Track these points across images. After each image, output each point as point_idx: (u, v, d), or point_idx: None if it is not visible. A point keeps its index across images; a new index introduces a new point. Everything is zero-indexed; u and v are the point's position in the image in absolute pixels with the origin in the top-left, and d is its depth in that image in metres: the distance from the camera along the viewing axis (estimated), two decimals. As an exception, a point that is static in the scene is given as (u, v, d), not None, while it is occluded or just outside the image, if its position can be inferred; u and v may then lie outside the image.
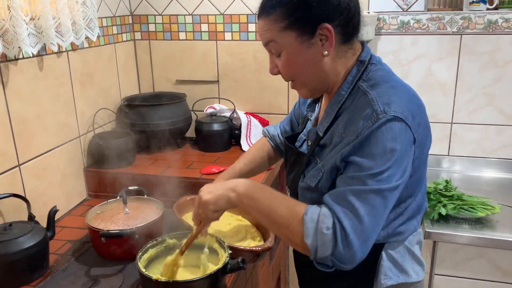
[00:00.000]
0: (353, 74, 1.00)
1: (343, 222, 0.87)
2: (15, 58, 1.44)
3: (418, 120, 0.93)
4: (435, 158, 2.07)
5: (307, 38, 0.95)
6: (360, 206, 0.88)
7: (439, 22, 1.91)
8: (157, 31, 2.21)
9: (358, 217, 0.87)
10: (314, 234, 0.88)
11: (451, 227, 1.54)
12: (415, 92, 1.00)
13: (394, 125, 0.88)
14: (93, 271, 1.33)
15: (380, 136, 0.88)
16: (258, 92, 2.18)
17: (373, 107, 0.90)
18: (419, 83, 2.01)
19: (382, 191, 0.88)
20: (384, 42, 1.99)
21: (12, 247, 1.22)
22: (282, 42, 0.97)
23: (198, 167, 1.86)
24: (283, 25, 0.95)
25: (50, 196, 1.63)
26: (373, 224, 0.89)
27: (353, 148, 0.91)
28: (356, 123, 0.92)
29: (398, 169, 0.90)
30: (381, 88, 0.94)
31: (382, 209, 0.90)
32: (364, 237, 0.88)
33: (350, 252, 0.87)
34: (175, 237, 1.33)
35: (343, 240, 0.87)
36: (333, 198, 0.91)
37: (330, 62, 0.99)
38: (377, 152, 0.88)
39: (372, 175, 0.88)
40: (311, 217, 0.90)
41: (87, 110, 1.85)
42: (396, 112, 0.89)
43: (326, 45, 0.96)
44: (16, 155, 1.46)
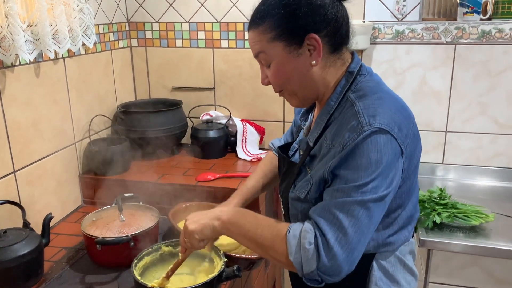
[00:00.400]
0: (342, 84, 1.00)
1: (327, 235, 0.87)
2: (12, 65, 1.44)
3: (406, 132, 0.93)
4: (430, 166, 2.08)
5: (294, 48, 0.96)
6: (344, 218, 0.88)
7: (434, 31, 1.94)
8: (154, 38, 2.22)
9: (342, 229, 0.87)
10: (297, 251, 0.89)
11: (445, 235, 1.55)
12: (404, 103, 1.00)
13: (379, 137, 0.88)
14: (87, 278, 1.33)
15: (365, 148, 0.88)
16: (254, 100, 2.19)
17: (359, 119, 0.91)
18: (413, 92, 2.03)
19: (366, 202, 0.88)
20: (379, 51, 2.01)
21: (7, 254, 1.21)
22: (271, 53, 0.98)
23: (194, 174, 1.86)
24: (271, 36, 0.96)
25: (45, 203, 1.62)
26: (358, 235, 0.88)
27: (339, 160, 0.91)
28: (343, 135, 0.92)
29: (383, 180, 0.89)
30: (368, 100, 0.94)
31: (366, 220, 0.89)
32: (349, 249, 0.87)
33: (336, 265, 0.87)
34: (171, 245, 1.33)
35: (327, 253, 0.87)
36: (317, 211, 0.92)
37: (319, 72, 0.99)
38: (362, 164, 0.89)
39: (356, 187, 0.88)
40: (293, 234, 0.91)
41: (83, 116, 1.85)
42: (381, 124, 0.89)
43: (314, 55, 0.97)
44: (11, 162, 1.45)
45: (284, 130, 2.20)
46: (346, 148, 0.90)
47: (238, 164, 2.01)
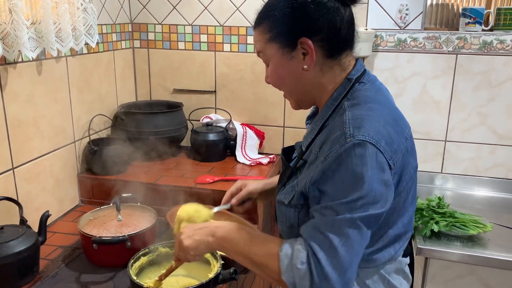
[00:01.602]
0: (340, 91, 0.99)
1: (318, 255, 0.85)
2: (14, 62, 1.44)
3: (396, 147, 0.90)
4: (428, 175, 2.09)
5: (288, 51, 0.97)
6: (334, 238, 0.85)
7: (436, 41, 1.94)
8: (156, 40, 2.23)
9: (333, 248, 0.85)
10: (289, 270, 0.87)
11: (442, 244, 1.54)
12: (398, 117, 0.98)
13: (363, 150, 0.85)
14: (83, 277, 1.32)
15: (349, 162, 0.85)
16: (254, 104, 2.20)
17: (344, 129, 0.88)
18: (414, 101, 2.03)
19: (355, 220, 0.85)
20: (381, 59, 2.02)
21: (3, 251, 1.21)
22: (268, 53, 1.00)
23: (193, 176, 1.86)
24: (268, 37, 0.98)
25: (43, 201, 1.62)
26: (350, 254, 0.85)
27: (322, 174, 0.89)
28: (328, 144, 0.91)
29: (371, 197, 0.86)
30: (359, 110, 0.92)
31: (357, 238, 0.86)
32: (341, 269, 0.85)
33: (329, 285, 0.85)
34: (168, 246, 1.33)
35: (319, 274, 0.85)
36: (308, 231, 0.90)
37: (313, 76, 0.99)
38: (347, 179, 0.86)
39: (344, 204, 0.86)
40: (285, 253, 0.89)
41: (83, 116, 1.85)
42: (365, 136, 0.86)
43: (307, 60, 0.96)
44: (10, 158, 1.45)
45: (284, 135, 2.20)
46: (328, 159, 0.88)
47: (237, 167, 2.01)
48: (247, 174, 1.92)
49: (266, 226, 1.96)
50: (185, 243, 1.01)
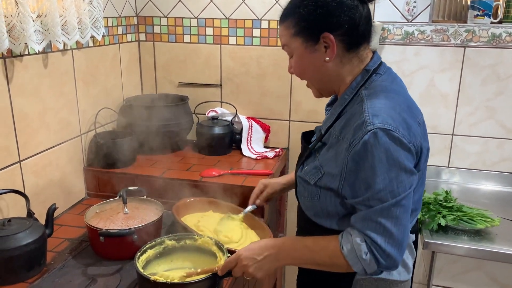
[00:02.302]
0: (358, 81, 1.08)
1: (377, 241, 0.98)
2: (21, 54, 1.44)
3: (413, 131, 0.99)
4: (435, 169, 2.07)
5: (311, 45, 1.06)
6: (386, 222, 0.97)
7: (443, 34, 1.93)
8: (162, 33, 2.22)
9: (388, 231, 0.98)
10: (357, 262, 1.00)
11: (450, 238, 1.54)
12: (412, 104, 1.08)
13: (384, 137, 0.94)
14: (90, 270, 1.33)
15: (375, 151, 0.94)
16: (260, 98, 2.19)
17: (364, 118, 0.97)
18: (421, 94, 2.02)
19: (399, 201, 0.97)
20: (388, 52, 2.00)
21: (11, 243, 1.22)
22: (292, 46, 1.10)
23: (198, 169, 1.86)
24: (292, 31, 1.07)
25: (49, 194, 1.62)
26: (402, 231, 0.99)
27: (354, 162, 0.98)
28: (349, 131, 1.00)
29: (406, 177, 0.97)
30: (376, 99, 1.01)
31: (405, 215, 0.99)
32: (398, 244, 0.99)
33: (392, 260, 0.99)
34: (174, 239, 1.33)
35: (382, 255, 0.99)
36: (360, 223, 1.01)
37: (333, 68, 1.08)
38: (379, 168, 0.95)
39: (385, 191, 0.96)
40: (347, 249, 1.01)
41: (89, 109, 1.85)
42: (383, 123, 0.95)
43: (328, 52, 1.05)
44: (17, 151, 1.45)
45: (290, 129, 2.19)
46: (354, 147, 0.97)
47: (242, 161, 2.01)
48: (252, 168, 1.91)
49: (272, 219, 1.97)
50: (258, 275, 1.12)
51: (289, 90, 2.13)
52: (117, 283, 1.26)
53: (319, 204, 1.09)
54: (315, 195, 1.09)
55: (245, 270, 1.12)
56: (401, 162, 0.95)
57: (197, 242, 1.33)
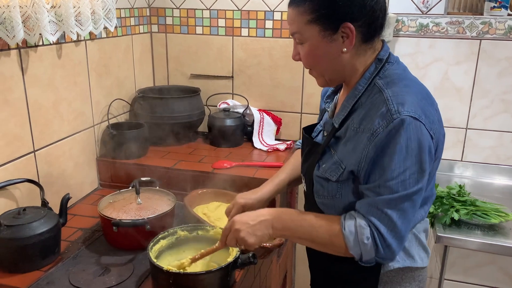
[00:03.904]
0: (371, 71, 1.04)
1: (380, 229, 0.96)
2: (35, 45, 1.44)
3: (432, 118, 0.97)
4: (448, 163, 2.06)
5: (329, 34, 1.00)
6: (392, 213, 0.96)
7: (459, 26, 1.90)
8: (174, 24, 2.21)
9: (392, 222, 0.96)
10: (356, 245, 0.98)
11: (463, 232, 1.53)
12: (428, 91, 1.05)
13: (409, 125, 0.92)
14: (103, 259, 1.34)
15: (398, 138, 0.92)
16: (272, 90, 2.18)
17: (388, 106, 0.95)
18: (435, 87, 1.99)
19: (409, 195, 0.95)
20: (402, 44, 1.98)
21: (26, 232, 1.23)
22: (306, 34, 1.02)
23: (210, 161, 1.86)
24: (309, 18, 1.00)
25: (63, 184, 1.63)
26: (405, 225, 0.97)
27: (376, 149, 0.95)
28: (372, 120, 0.96)
29: (420, 170, 0.95)
30: (396, 87, 0.98)
31: (411, 210, 0.97)
32: (400, 237, 0.98)
33: (391, 252, 0.98)
34: (186, 230, 1.33)
35: (383, 244, 0.97)
36: (366, 208, 0.99)
37: (348, 59, 1.03)
38: (399, 155, 0.93)
39: (396, 180, 0.94)
40: (349, 230, 0.99)
41: (102, 100, 1.85)
42: (409, 111, 0.93)
43: (346, 43, 1.00)
44: (32, 141, 1.47)
45: (301, 122, 2.18)
46: (378, 135, 0.94)
47: (254, 153, 2.01)
48: (264, 160, 1.91)
49: (282, 212, 1.96)
50: (249, 241, 1.07)
51: (301, 82, 2.12)
52: (130, 273, 1.27)
53: (341, 202, 1.06)
54: (337, 192, 1.06)
55: (237, 236, 1.07)
56: (421, 153, 0.94)
57: (209, 233, 1.34)
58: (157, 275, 1.18)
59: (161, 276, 1.15)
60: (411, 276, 1.11)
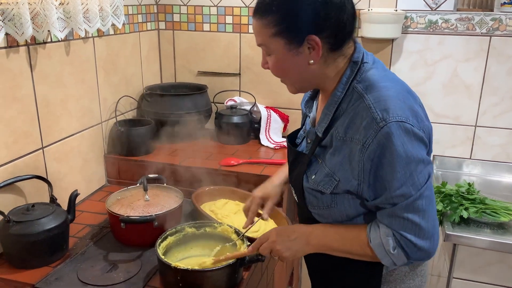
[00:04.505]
0: (347, 75, 1.01)
1: (407, 236, 0.95)
2: (44, 42, 1.45)
3: (419, 116, 0.95)
4: (457, 161, 2.04)
5: (295, 47, 0.97)
6: (413, 216, 0.95)
7: (468, 22, 1.88)
8: (181, 21, 2.21)
9: (416, 225, 0.95)
10: (385, 256, 0.99)
11: (472, 231, 1.51)
12: (408, 88, 1.02)
13: (398, 131, 0.90)
14: (111, 256, 1.34)
15: (392, 146, 0.90)
16: (279, 87, 2.16)
17: (372, 115, 0.91)
18: (444, 85, 1.98)
19: (422, 194, 0.94)
20: (410, 41, 1.96)
21: (35, 228, 1.24)
22: (272, 47, 0.99)
23: (217, 158, 1.86)
24: (273, 31, 0.96)
25: (71, 180, 1.64)
26: (431, 221, 0.96)
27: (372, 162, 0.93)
28: (358, 131, 0.94)
29: (424, 164, 0.94)
30: (376, 92, 0.95)
31: (430, 207, 0.96)
32: (429, 236, 0.96)
33: (424, 253, 0.97)
34: (194, 226, 1.33)
35: (413, 249, 0.96)
36: (387, 220, 0.98)
37: (317, 68, 1.00)
38: (399, 162, 0.91)
39: (406, 186, 0.93)
40: (376, 243, 0.99)
41: (110, 97, 1.86)
42: (395, 116, 0.90)
43: (313, 55, 0.97)
44: (40, 138, 1.47)
45: (309, 119, 2.17)
46: (369, 147, 0.91)
47: (261, 151, 2.00)
48: (271, 158, 1.91)
49: (289, 210, 1.96)
50: (285, 254, 1.09)
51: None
52: (138, 269, 1.27)
53: (338, 211, 1.04)
54: (332, 202, 1.04)
55: (273, 247, 1.09)
56: (417, 153, 0.92)
57: (217, 230, 1.34)
58: (165, 272, 1.18)
59: (169, 273, 1.15)
60: (413, 271, 1.11)
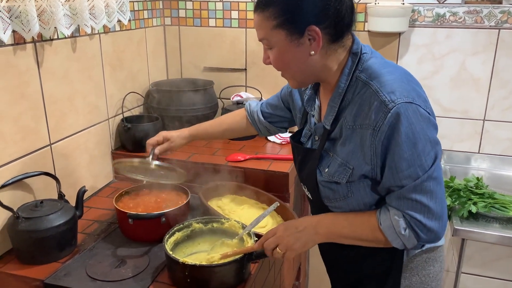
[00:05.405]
0: (349, 66, 1.03)
1: (416, 217, 0.97)
2: (50, 39, 1.45)
3: (424, 97, 0.99)
4: (465, 155, 2.02)
5: (296, 38, 0.99)
6: (422, 197, 0.96)
7: (477, 15, 1.86)
8: (187, 17, 2.21)
9: (425, 206, 0.97)
10: (396, 238, 1.01)
11: (480, 225, 1.50)
12: (410, 73, 1.04)
13: (406, 111, 0.92)
14: (119, 251, 1.35)
15: (400, 128, 0.92)
16: (285, 82, 2.15)
17: (380, 98, 0.94)
18: (451, 78, 1.96)
19: (431, 175, 0.96)
20: (418, 34, 1.95)
21: (43, 224, 1.25)
22: (273, 40, 1.01)
23: (224, 154, 1.86)
24: (274, 23, 0.99)
25: (78, 177, 1.65)
26: (439, 203, 0.98)
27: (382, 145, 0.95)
28: (368, 116, 0.96)
29: (431, 146, 0.96)
30: (381, 77, 0.98)
31: (438, 187, 0.98)
32: (438, 217, 0.98)
33: (433, 234, 0.99)
34: (201, 222, 1.34)
35: (423, 230, 0.98)
36: (396, 202, 1.00)
37: (318, 60, 1.02)
38: (407, 143, 0.93)
39: (414, 167, 0.94)
40: (387, 225, 1.01)
41: (116, 93, 1.86)
42: (402, 97, 0.93)
43: (314, 46, 0.99)
44: (48, 135, 1.48)
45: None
46: (379, 130, 0.94)
47: (267, 146, 2.00)
48: (277, 153, 1.90)
49: (296, 204, 1.96)
50: (294, 246, 1.10)
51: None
52: (146, 265, 1.28)
53: (355, 200, 1.06)
54: (348, 192, 1.05)
55: (281, 241, 1.10)
56: (426, 133, 0.94)
57: (224, 226, 1.34)
58: (173, 267, 1.19)
59: (177, 268, 1.16)
60: (433, 257, 1.13)
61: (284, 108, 1.38)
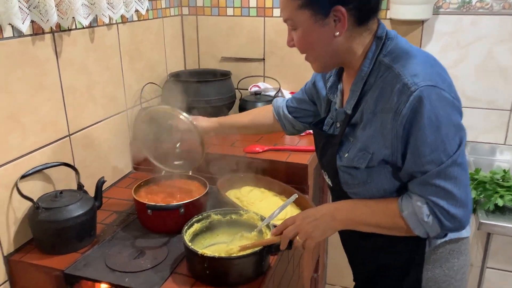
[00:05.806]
0: (373, 50, 1.02)
1: (440, 203, 0.95)
2: (68, 29, 1.45)
3: (449, 81, 0.96)
4: (490, 147, 1.96)
5: (320, 18, 0.97)
6: (445, 183, 0.94)
7: (505, 1, 1.78)
8: (205, 6, 2.18)
9: (449, 193, 0.94)
10: (419, 225, 0.98)
11: (507, 219, 1.46)
12: (435, 58, 1.02)
13: (429, 94, 0.90)
14: (138, 242, 1.35)
15: (423, 111, 0.90)
16: (304, 72, 2.12)
17: (403, 81, 0.93)
18: (477, 68, 1.90)
19: (455, 160, 0.93)
20: (442, 22, 1.88)
21: (63, 214, 1.25)
22: (298, 20, 1.00)
23: (242, 145, 1.84)
24: (299, 3, 0.98)
25: (97, 167, 1.65)
26: (463, 190, 0.95)
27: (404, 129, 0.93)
28: (390, 99, 0.95)
29: (456, 130, 0.94)
30: (404, 60, 0.97)
31: (463, 174, 0.95)
32: (463, 204, 0.95)
33: (457, 221, 0.96)
34: (220, 213, 1.32)
35: (447, 217, 0.96)
36: (419, 188, 0.97)
37: (343, 42, 1.01)
38: (430, 127, 0.91)
39: (437, 152, 0.92)
40: (409, 212, 0.99)
41: (134, 83, 1.85)
42: (425, 80, 0.91)
43: (339, 27, 0.98)
44: (67, 125, 1.48)
45: (335, 104, 2.12)
46: (401, 113, 0.92)
47: (286, 137, 1.97)
48: (296, 144, 1.88)
49: (315, 196, 1.93)
50: (314, 234, 1.08)
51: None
52: (165, 256, 1.27)
53: (375, 186, 1.04)
54: (368, 177, 1.04)
55: (300, 230, 1.09)
56: (450, 117, 0.92)
57: (243, 217, 1.32)
58: (191, 259, 1.18)
59: (196, 260, 1.15)
60: (457, 250, 1.10)
61: (309, 101, 1.37)
